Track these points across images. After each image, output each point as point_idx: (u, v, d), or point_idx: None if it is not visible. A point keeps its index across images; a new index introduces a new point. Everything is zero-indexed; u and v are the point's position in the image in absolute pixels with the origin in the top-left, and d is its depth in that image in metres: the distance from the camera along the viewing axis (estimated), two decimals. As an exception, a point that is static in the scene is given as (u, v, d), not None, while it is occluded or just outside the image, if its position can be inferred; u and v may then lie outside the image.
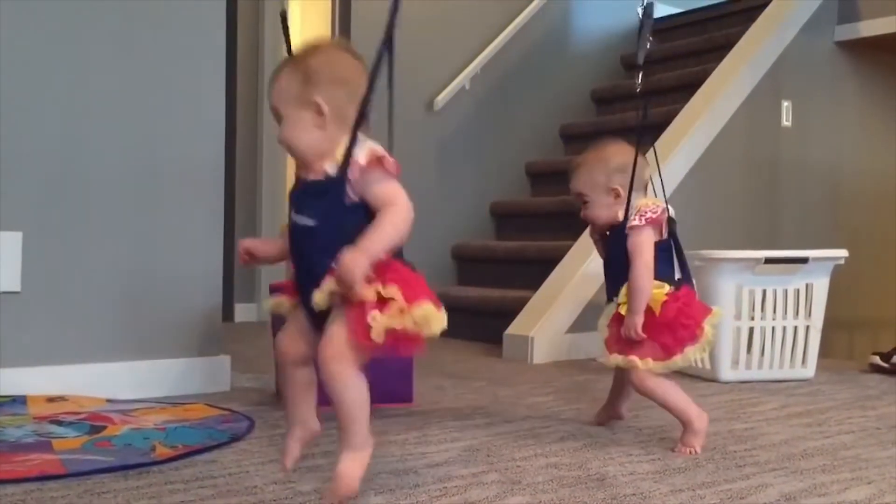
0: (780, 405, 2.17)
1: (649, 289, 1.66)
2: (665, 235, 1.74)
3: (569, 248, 3.32)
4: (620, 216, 1.72)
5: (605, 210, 1.75)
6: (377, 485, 1.36)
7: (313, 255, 1.26)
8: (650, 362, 1.64)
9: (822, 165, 4.19)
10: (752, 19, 4.03)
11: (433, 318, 1.22)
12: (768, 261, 2.52)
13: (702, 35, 4.71)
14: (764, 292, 2.56)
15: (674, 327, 1.65)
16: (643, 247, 1.69)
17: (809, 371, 2.61)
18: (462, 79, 4.12)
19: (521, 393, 2.31)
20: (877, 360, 2.78)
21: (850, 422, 1.97)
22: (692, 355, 1.67)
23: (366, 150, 1.27)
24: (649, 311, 1.66)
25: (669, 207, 1.76)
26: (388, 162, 1.28)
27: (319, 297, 1.23)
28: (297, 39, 1.41)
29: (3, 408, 1.83)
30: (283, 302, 1.38)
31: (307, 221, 1.28)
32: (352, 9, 3.89)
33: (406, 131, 3.94)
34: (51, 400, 1.92)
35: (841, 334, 4.04)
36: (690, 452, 1.62)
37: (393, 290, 1.21)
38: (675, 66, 4.55)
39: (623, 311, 1.68)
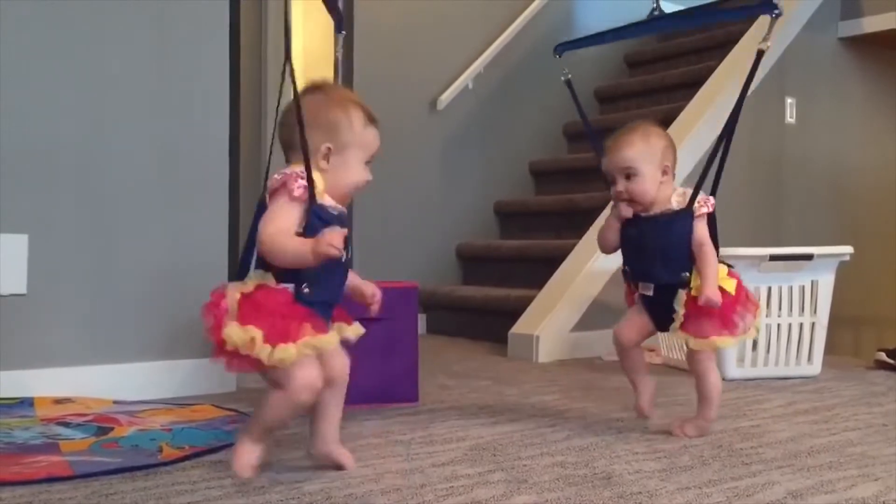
0: (786, 402, 2.17)
1: (718, 269, 1.71)
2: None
3: (573, 246, 3.32)
4: (674, 199, 1.73)
5: (654, 186, 1.72)
6: (383, 484, 1.36)
7: (345, 284, 1.42)
8: (731, 340, 1.71)
9: (826, 162, 4.19)
10: (754, 17, 4.02)
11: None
12: (773, 258, 2.52)
13: (703, 32, 4.70)
14: (769, 289, 2.55)
15: (745, 303, 1.73)
16: (707, 232, 1.73)
17: (815, 368, 2.61)
18: (465, 78, 4.12)
19: (526, 392, 2.31)
20: (883, 356, 2.78)
21: (856, 419, 1.96)
22: (756, 331, 1.75)
23: None
24: (721, 290, 1.69)
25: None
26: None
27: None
28: (298, 40, 1.43)
29: (11, 410, 1.83)
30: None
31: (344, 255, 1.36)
32: (353, 9, 3.89)
33: (409, 131, 3.94)
34: (58, 402, 1.92)
35: (846, 331, 4.03)
36: (686, 435, 1.70)
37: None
38: (678, 63, 4.54)
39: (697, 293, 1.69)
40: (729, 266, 1.78)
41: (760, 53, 1.86)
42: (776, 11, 1.81)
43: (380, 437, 1.69)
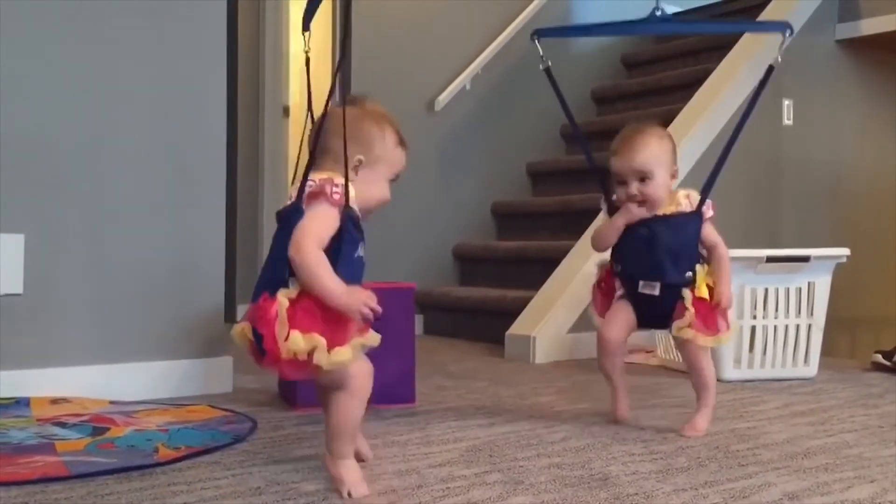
0: (782, 404, 2.17)
1: None
2: None
3: (570, 247, 3.32)
4: (684, 202, 1.77)
5: (665, 190, 1.76)
6: (380, 486, 1.36)
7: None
8: (728, 335, 1.77)
9: (823, 164, 4.19)
10: (753, 17, 4.03)
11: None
12: (770, 259, 2.52)
13: (703, 34, 4.70)
14: (766, 291, 2.56)
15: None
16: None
17: (812, 370, 2.61)
18: (463, 79, 4.12)
19: (523, 393, 2.31)
20: (879, 358, 2.78)
21: (852, 420, 1.97)
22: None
23: None
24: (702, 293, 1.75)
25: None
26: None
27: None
28: (297, 40, 1.43)
29: (7, 410, 1.83)
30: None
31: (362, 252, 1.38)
32: (352, 12, 3.89)
33: (407, 132, 3.92)
34: (54, 402, 1.92)
35: (843, 333, 4.04)
36: (696, 434, 1.74)
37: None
38: (676, 65, 4.55)
39: (706, 294, 1.74)
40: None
41: (771, 69, 1.90)
42: (790, 31, 1.91)
43: (377, 438, 1.69)
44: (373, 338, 1.32)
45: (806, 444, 1.71)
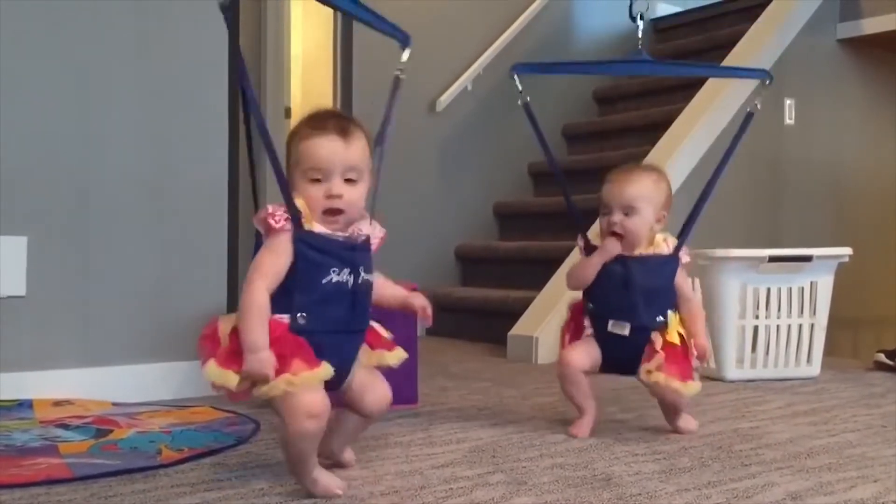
0: (785, 404, 2.17)
1: None
2: None
3: (572, 248, 3.31)
4: (664, 245, 1.76)
5: (647, 228, 1.75)
6: (383, 486, 1.36)
7: (368, 310, 1.38)
8: (699, 384, 1.75)
9: (825, 163, 4.19)
10: (754, 18, 4.03)
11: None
12: (772, 259, 2.52)
13: (703, 34, 4.71)
14: (768, 291, 2.55)
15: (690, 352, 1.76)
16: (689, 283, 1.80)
17: (814, 369, 2.61)
18: (464, 79, 4.12)
19: (525, 393, 2.30)
20: (882, 357, 2.78)
21: (855, 420, 1.96)
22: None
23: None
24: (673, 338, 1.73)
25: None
26: None
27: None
28: (298, 39, 1.42)
29: (10, 412, 1.83)
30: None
31: (370, 277, 1.36)
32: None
33: (408, 132, 3.94)
34: (57, 404, 1.92)
35: (845, 332, 4.03)
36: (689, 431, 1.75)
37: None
38: (678, 64, 4.55)
39: (676, 339, 1.71)
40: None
41: (750, 116, 1.91)
42: (768, 81, 1.92)
43: (379, 439, 1.69)
44: (312, 376, 1.24)
45: (809, 443, 1.71)
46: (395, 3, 4.01)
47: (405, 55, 1.63)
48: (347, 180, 1.31)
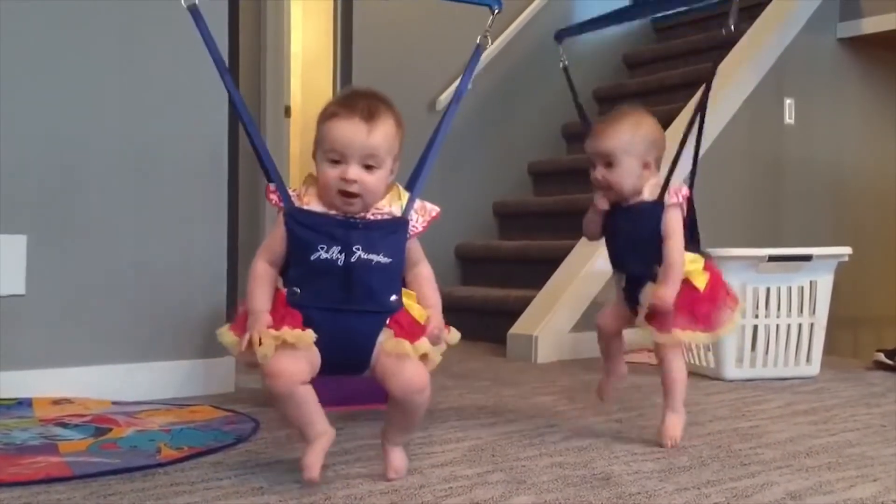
0: (784, 403, 2.17)
1: (683, 265, 1.66)
2: (685, 213, 1.72)
3: (572, 247, 3.32)
4: (647, 191, 1.69)
5: (632, 178, 1.68)
6: (383, 485, 1.36)
7: (382, 292, 1.36)
8: (703, 335, 1.68)
9: (825, 163, 4.19)
10: (754, 17, 4.02)
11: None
12: (772, 258, 2.52)
13: (703, 33, 4.70)
14: (768, 290, 2.55)
15: (718, 298, 1.69)
16: (679, 225, 1.68)
17: (814, 369, 2.61)
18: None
19: (525, 392, 2.31)
20: (881, 357, 2.78)
21: (855, 419, 1.96)
22: (733, 326, 1.71)
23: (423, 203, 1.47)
24: (689, 284, 1.67)
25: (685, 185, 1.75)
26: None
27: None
28: (298, 39, 1.42)
29: (9, 411, 1.83)
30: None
31: (380, 258, 1.34)
32: (353, 9, 3.89)
33: (408, 131, 3.91)
34: (56, 402, 1.92)
35: (845, 332, 4.03)
36: (672, 445, 1.64)
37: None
38: (678, 64, 4.54)
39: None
40: (707, 257, 1.76)
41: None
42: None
43: (379, 438, 1.68)
44: (294, 333, 1.27)
45: (808, 443, 1.71)
46: (395, 1, 4.02)
47: (491, 20, 1.73)
48: (366, 166, 1.33)
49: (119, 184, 2.12)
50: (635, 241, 1.71)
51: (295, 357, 1.28)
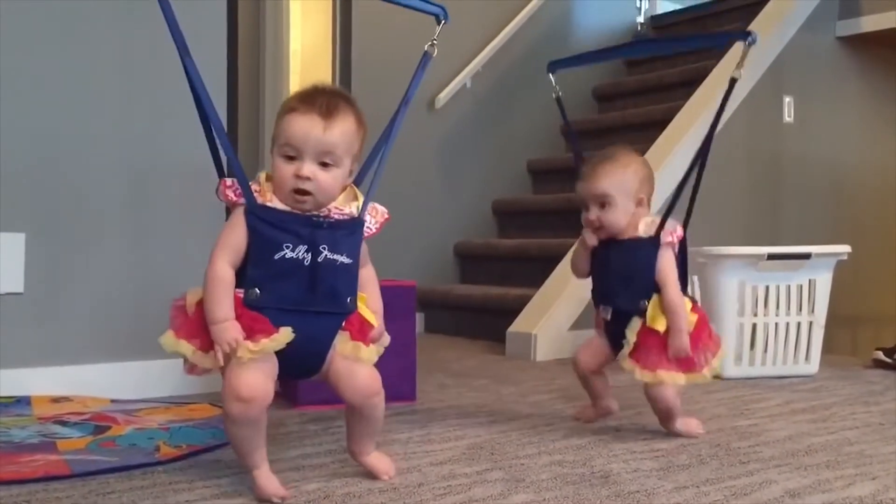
0: (783, 401, 2.17)
1: (685, 307, 1.69)
2: (676, 253, 1.75)
3: (571, 245, 3.29)
4: (642, 227, 1.72)
5: (625, 216, 1.72)
6: (381, 483, 1.36)
7: (343, 293, 1.32)
8: (682, 377, 1.67)
9: (824, 161, 4.19)
10: (753, 15, 4.02)
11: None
12: (771, 257, 2.52)
13: (702, 31, 4.70)
14: (767, 288, 2.56)
15: (700, 341, 1.69)
16: (673, 267, 1.71)
17: (813, 367, 2.61)
18: (463, 77, 4.11)
19: (524, 391, 2.31)
20: (880, 355, 2.78)
21: (853, 417, 1.97)
22: (715, 368, 1.71)
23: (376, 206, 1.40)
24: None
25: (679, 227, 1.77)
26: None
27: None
28: (297, 37, 1.42)
29: (8, 409, 1.83)
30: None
31: (343, 259, 1.31)
32: (352, 9, 3.88)
33: (407, 130, 3.91)
34: (55, 400, 1.92)
35: (844, 330, 4.04)
36: (699, 433, 1.72)
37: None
38: (676, 62, 4.55)
39: (660, 326, 1.67)
40: (693, 301, 1.77)
41: (733, 82, 1.85)
42: (750, 39, 1.83)
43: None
44: (272, 341, 1.23)
45: (807, 441, 1.71)
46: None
47: (438, 30, 1.67)
48: (322, 163, 1.28)
49: (119, 183, 2.12)
50: (627, 275, 1.72)
51: (263, 374, 1.23)
